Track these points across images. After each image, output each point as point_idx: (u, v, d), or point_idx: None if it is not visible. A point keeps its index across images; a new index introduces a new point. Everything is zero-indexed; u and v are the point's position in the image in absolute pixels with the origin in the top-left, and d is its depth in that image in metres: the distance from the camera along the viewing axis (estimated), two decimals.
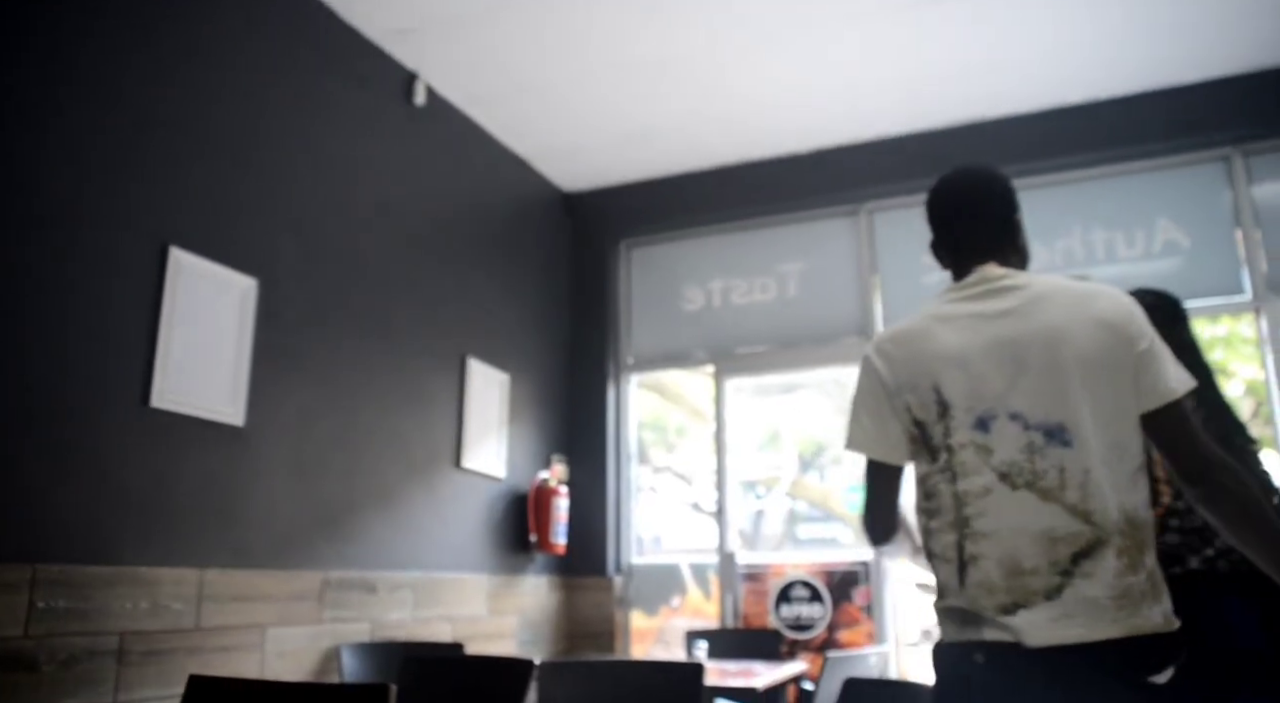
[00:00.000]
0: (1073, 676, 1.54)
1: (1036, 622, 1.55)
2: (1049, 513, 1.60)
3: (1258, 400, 8.33)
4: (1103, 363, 1.67)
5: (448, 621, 4.35)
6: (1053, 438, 1.64)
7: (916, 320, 1.83)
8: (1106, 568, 1.57)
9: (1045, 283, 1.77)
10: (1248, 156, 4.74)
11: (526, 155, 5.46)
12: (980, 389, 1.69)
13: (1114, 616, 1.55)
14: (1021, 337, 1.70)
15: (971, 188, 1.95)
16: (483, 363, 4.85)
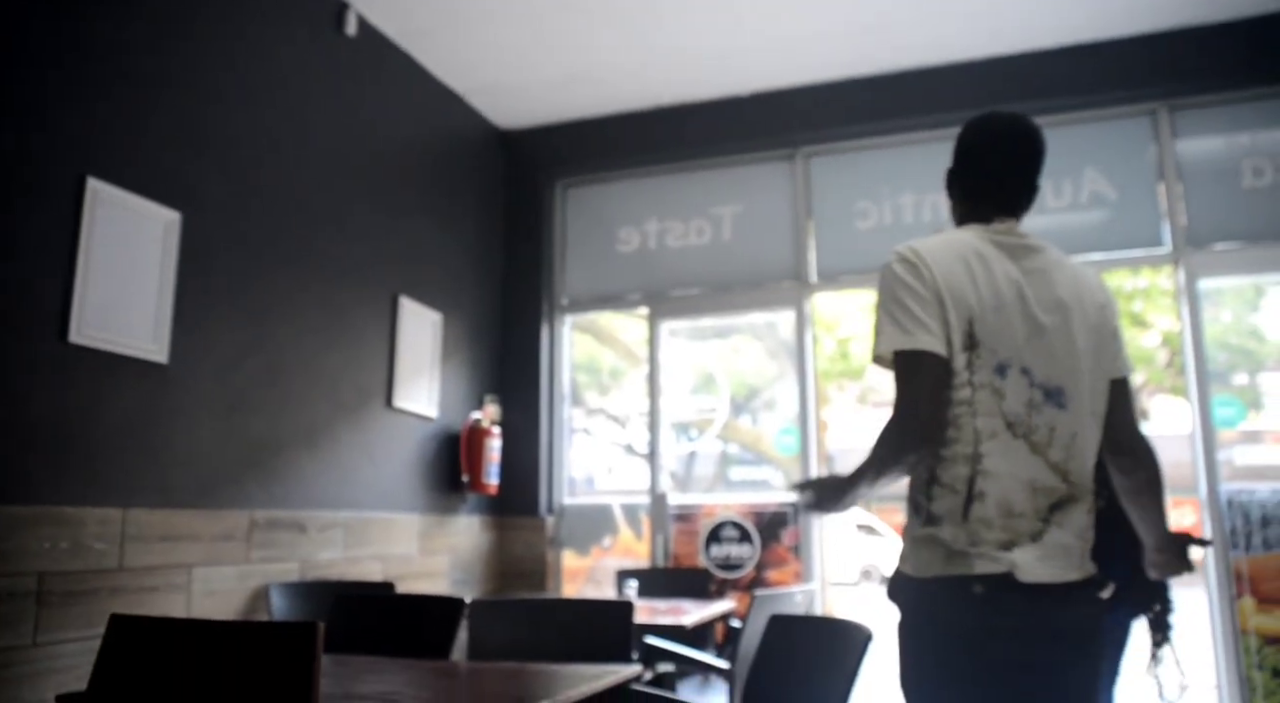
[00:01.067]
0: (1050, 606, 1.70)
1: (1026, 560, 1.69)
2: (1035, 465, 1.73)
3: (1173, 350, 8.61)
4: (1097, 337, 1.83)
5: (379, 560, 4.35)
6: (1050, 398, 1.76)
7: (952, 246, 1.83)
8: (1076, 520, 1.75)
9: (1054, 252, 1.89)
10: (1173, 112, 4.84)
11: (462, 91, 5.34)
12: (1005, 337, 1.76)
13: (1079, 562, 1.76)
14: (1042, 299, 1.80)
15: (1034, 142, 1.94)
16: (415, 302, 4.79)
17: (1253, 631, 4.36)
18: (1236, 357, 5.30)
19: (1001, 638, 1.67)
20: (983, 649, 1.67)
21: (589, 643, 2.61)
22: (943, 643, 1.71)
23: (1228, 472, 4.58)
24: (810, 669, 2.24)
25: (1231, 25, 4.66)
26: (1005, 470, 1.72)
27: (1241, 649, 4.36)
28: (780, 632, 2.41)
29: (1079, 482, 1.76)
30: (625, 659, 2.52)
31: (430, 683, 2.07)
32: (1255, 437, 5.05)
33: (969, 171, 1.96)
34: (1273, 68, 4.65)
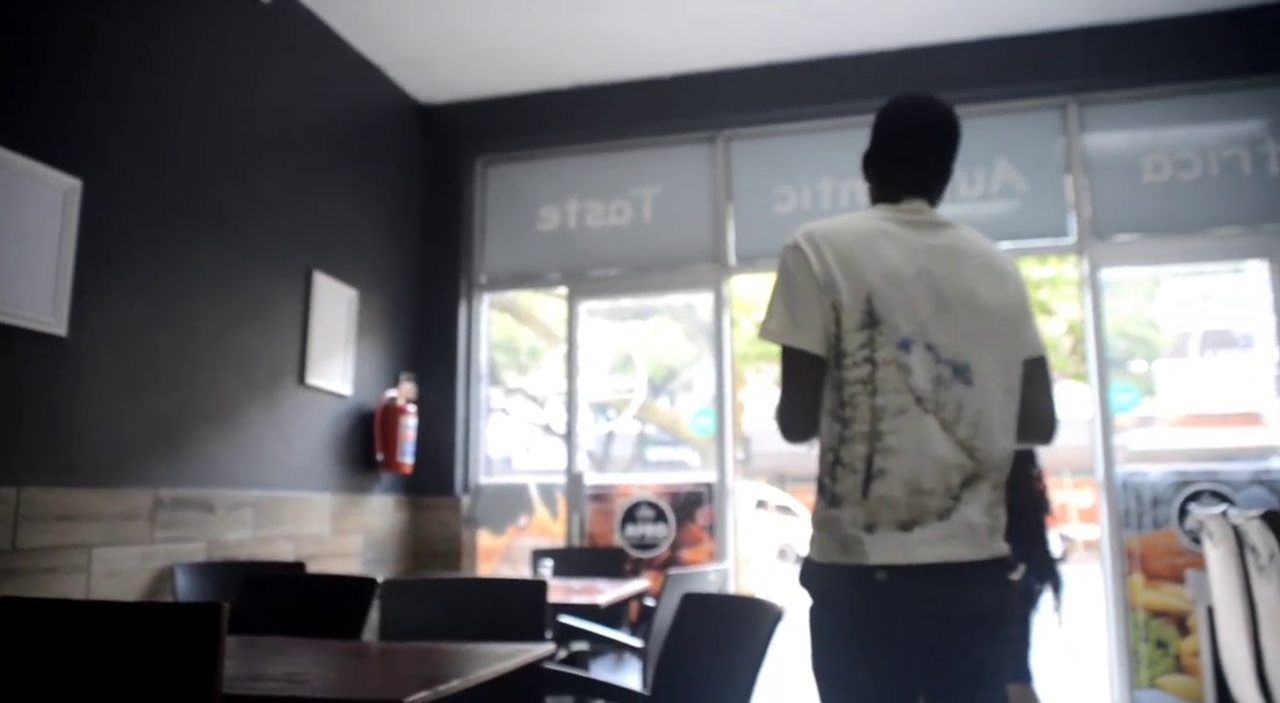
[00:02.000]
0: (954, 586, 1.71)
1: (928, 539, 1.69)
2: (944, 442, 1.73)
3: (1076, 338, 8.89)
4: (1005, 314, 1.83)
5: (290, 540, 4.27)
6: (958, 375, 1.76)
7: (857, 225, 1.85)
8: (983, 498, 1.75)
9: (964, 230, 1.90)
10: (1082, 106, 4.99)
11: (381, 63, 5.23)
12: (908, 313, 1.76)
13: (984, 541, 1.74)
14: (947, 275, 1.80)
15: (946, 125, 1.97)
16: (329, 277, 4.69)
17: (1141, 605, 4.57)
18: (1135, 345, 5.51)
19: (906, 622, 1.70)
20: (888, 634, 1.69)
21: (502, 623, 2.60)
22: (847, 628, 1.73)
23: (1123, 455, 4.77)
24: (721, 647, 2.27)
25: (1138, 26, 4.81)
26: (913, 447, 1.72)
27: (1130, 623, 4.56)
28: (692, 610, 2.44)
29: (986, 459, 1.76)
30: (539, 639, 2.53)
31: (340, 664, 2.05)
32: (1149, 422, 5.27)
33: (882, 154, 1.98)
34: (1175, 68, 4.83)
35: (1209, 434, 5.41)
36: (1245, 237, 4.73)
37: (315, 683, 1.76)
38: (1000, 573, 1.78)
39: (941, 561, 1.69)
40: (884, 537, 1.69)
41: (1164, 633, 4.52)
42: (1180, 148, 4.85)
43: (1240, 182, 4.77)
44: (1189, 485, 4.60)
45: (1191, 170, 4.82)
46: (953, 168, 1.98)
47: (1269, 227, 4.69)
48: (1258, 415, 4.80)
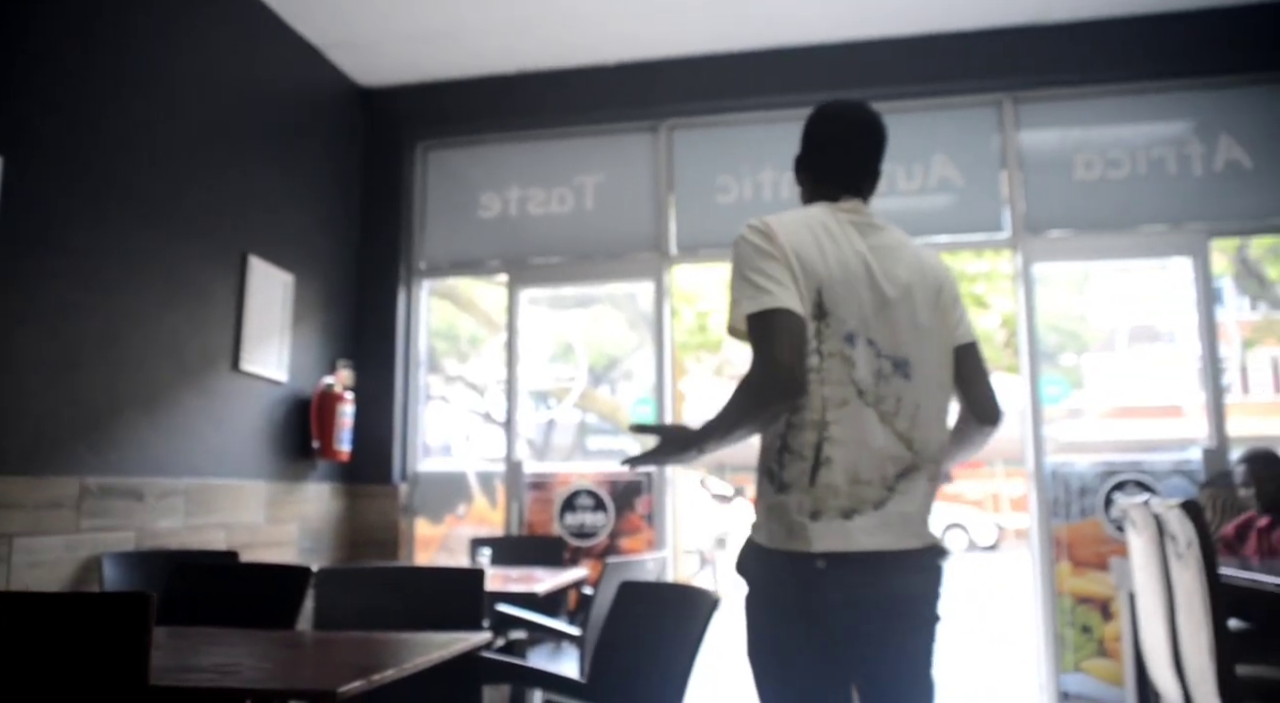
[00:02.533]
0: (889, 573, 1.78)
1: (866, 527, 1.75)
2: (884, 434, 1.80)
3: (1009, 331, 9.09)
4: (937, 312, 1.91)
5: (223, 529, 4.20)
6: (898, 369, 1.83)
7: (804, 219, 1.89)
8: (919, 489, 1.82)
9: (895, 230, 1.97)
10: (1017, 103, 5.08)
11: (321, 45, 5.14)
12: (852, 308, 1.81)
13: (917, 530, 1.82)
14: (888, 274, 1.87)
15: (874, 129, 2.03)
16: (265, 262, 4.61)
17: (1067, 592, 4.69)
18: (1065, 338, 5.64)
19: (842, 609, 1.74)
20: (823, 621, 1.74)
21: (439, 612, 2.59)
22: (785, 615, 1.77)
23: (1052, 446, 4.89)
24: (658, 634, 2.29)
25: (1072, 27, 4.92)
26: (854, 438, 1.77)
27: (1057, 609, 4.68)
28: (629, 598, 2.46)
29: (922, 451, 1.83)
30: (476, 627, 2.52)
31: (272, 654, 2.02)
32: (1078, 413, 5.40)
33: (814, 158, 2.04)
34: (1106, 69, 4.95)
35: (1134, 426, 5.58)
36: (1170, 234, 4.87)
37: (247, 674, 1.74)
38: (932, 561, 1.85)
39: (877, 549, 1.75)
40: (827, 524, 1.74)
41: (1089, 618, 4.66)
42: (1110, 147, 4.97)
43: (1166, 181, 4.91)
44: (1114, 476, 4.73)
45: (1120, 169, 4.95)
46: (881, 169, 2.05)
47: (1192, 225, 4.83)
48: (1179, 408, 4.95)
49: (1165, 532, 2.85)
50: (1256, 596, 2.69)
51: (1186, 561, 2.69)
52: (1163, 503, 2.87)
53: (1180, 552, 2.73)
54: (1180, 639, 2.84)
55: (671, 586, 3.40)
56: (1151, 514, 2.96)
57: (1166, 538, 2.85)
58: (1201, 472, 4.62)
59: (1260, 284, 6.03)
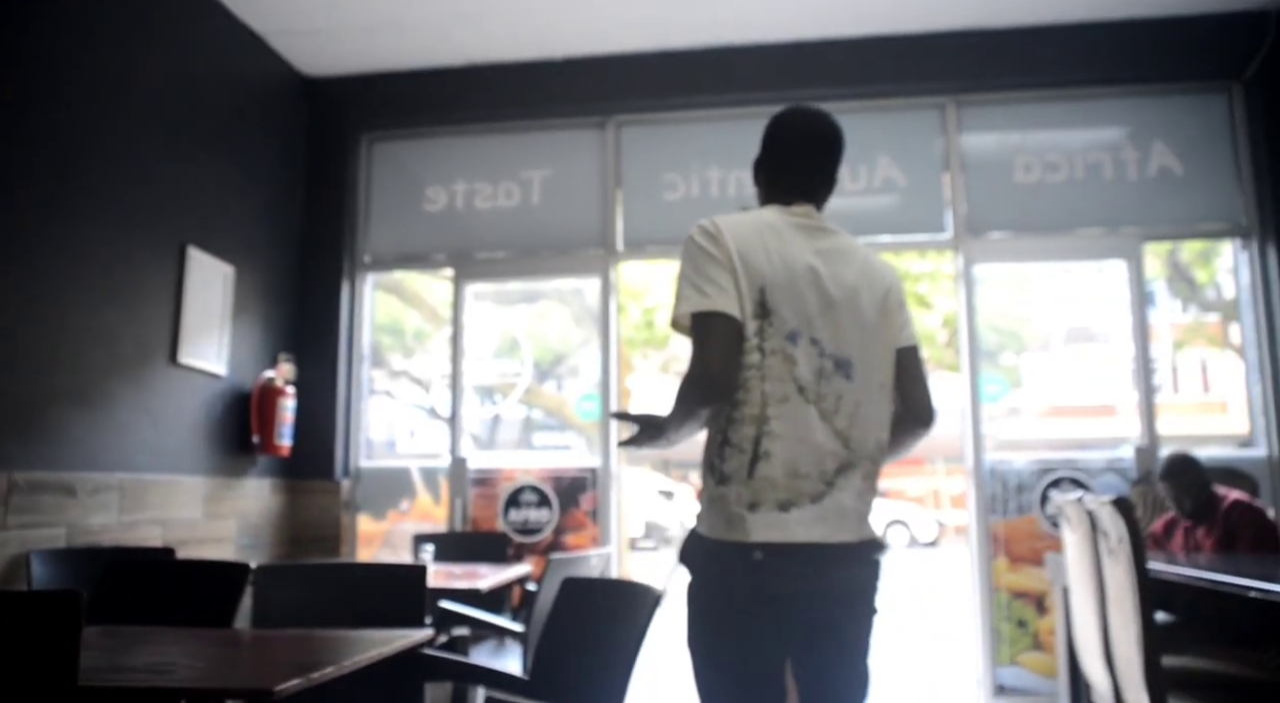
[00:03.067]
0: (824, 566, 1.83)
1: (803, 520, 1.81)
2: (823, 431, 1.86)
3: (951, 330, 9.21)
4: (882, 316, 1.96)
5: (159, 525, 4.12)
6: (839, 369, 1.89)
7: (752, 222, 1.94)
8: (855, 485, 1.88)
9: (845, 236, 2.03)
10: (960, 107, 5.17)
11: (263, 32, 5.05)
12: (796, 308, 1.87)
13: (855, 525, 1.88)
14: (834, 277, 1.92)
15: (831, 139, 2.08)
16: (205, 253, 4.52)
17: (1004, 587, 4.79)
18: (1005, 338, 5.73)
19: (778, 599, 1.79)
20: (760, 609, 1.79)
21: (381, 608, 2.57)
22: (723, 603, 1.82)
23: (991, 444, 4.98)
24: (600, 630, 2.29)
25: (1014, 32, 5.01)
26: (793, 433, 1.83)
27: (994, 604, 4.77)
28: (572, 595, 2.45)
29: (859, 449, 1.89)
30: (418, 624, 2.50)
31: (208, 652, 1.99)
32: (1016, 412, 5.50)
33: (772, 163, 2.09)
34: (1045, 74, 5.05)
35: (1070, 425, 5.70)
36: (1106, 237, 4.99)
37: (181, 673, 1.71)
38: (868, 555, 1.90)
39: (813, 541, 1.81)
40: (764, 516, 1.80)
41: (1024, 613, 4.75)
42: (1049, 151, 5.08)
43: (1102, 185, 5.02)
44: (1050, 473, 4.84)
45: (1059, 173, 5.06)
46: (837, 177, 2.09)
47: (1127, 229, 4.96)
48: (1113, 407, 5.07)
49: (1098, 528, 2.92)
50: (1182, 589, 2.77)
51: (1117, 556, 2.75)
52: (1095, 500, 2.94)
53: (1112, 547, 2.80)
54: (1110, 632, 2.91)
55: (614, 581, 3.40)
56: (1085, 511, 3.03)
57: (1099, 534, 2.92)
58: (1133, 469, 4.74)
59: (1191, 288, 6.19)
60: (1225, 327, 5.87)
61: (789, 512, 1.81)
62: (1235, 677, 3.09)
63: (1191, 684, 2.92)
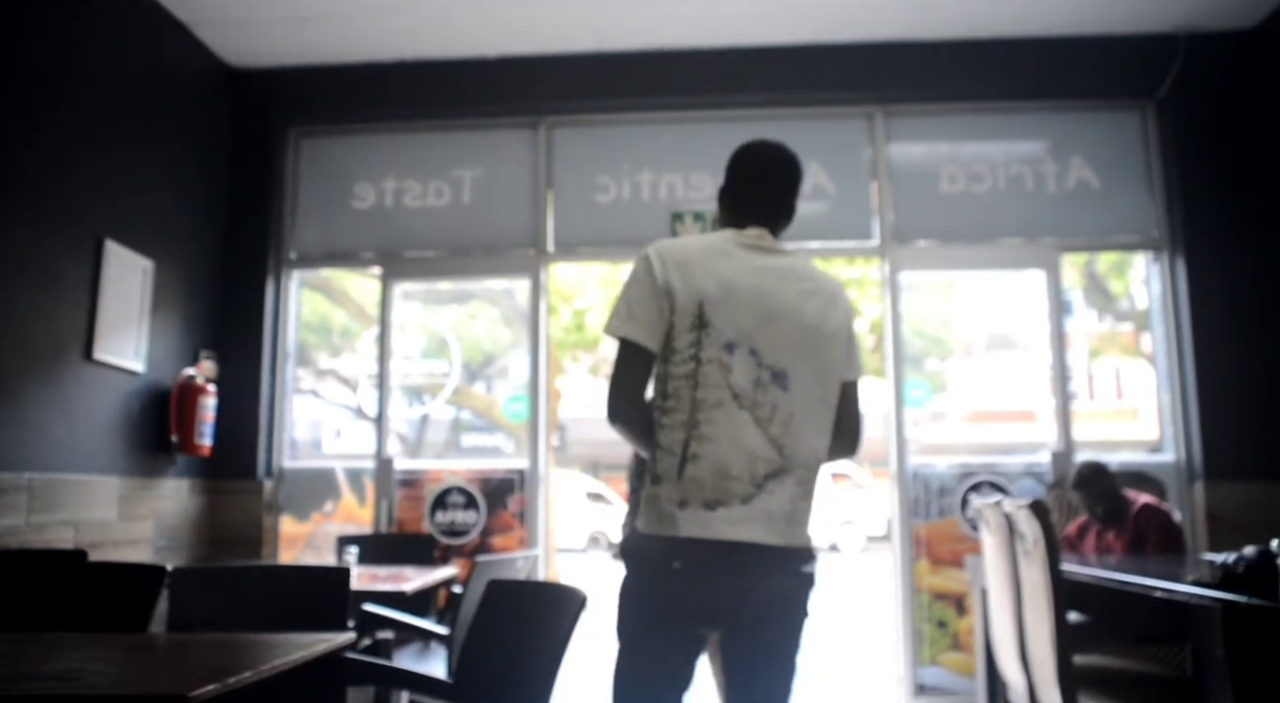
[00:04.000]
0: (748, 565, 1.94)
1: (729, 519, 1.93)
2: (757, 437, 1.97)
3: (877, 336, 9.39)
4: (826, 334, 2.06)
5: (70, 526, 3.99)
6: (776, 379, 2.00)
7: (699, 243, 2.11)
8: (786, 491, 1.98)
9: (799, 257, 2.16)
10: (888, 117, 5.27)
11: (188, 21, 4.93)
12: (735, 320, 2.00)
13: (783, 528, 1.96)
14: (775, 292, 2.04)
15: (782, 169, 2.22)
16: (122, 246, 4.40)
17: (926, 588, 4.89)
18: (929, 344, 5.85)
19: (701, 593, 1.93)
20: (683, 602, 1.93)
21: (302, 612, 2.52)
22: (649, 593, 1.97)
23: (915, 448, 5.08)
24: (525, 633, 2.28)
25: (941, 45, 5.13)
26: (726, 437, 1.95)
27: (915, 605, 4.87)
28: (497, 597, 2.44)
29: (792, 456, 1.99)
30: (340, 628, 2.47)
31: (120, 658, 1.93)
32: (939, 417, 5.62)
33: (732, 191, 2.23)
34: (970, 87, 5.18)
35: (990, 429, 5.84)
36: (1026, 247, 5.13)
37: (90, 680, 1.66)
38: (794, 560, 1.98)
39: (738, 540, 1.92)
40: (692, 513, 1.93)
41: (945, 614, 4.86)
42: (973, 162, 5.21)
43: (1023, 197, 5.17)
44: (971, 477, 4.95)
45: (982, 183, 5.18)
46: (795, 205, 2.22)
47: (1046, 240, 5.10)
48: (1032, 413, 5.20)
49: (1015, 531, 3.00)
50: (1093, 590, 2.86)
51: (1033, 558, 2.83)
52: (1013, 503, 3.02)
53: (1028, 549, 2.87)
54: (1026, 631, 2.99)
55: (539, 584, 3.39)
56: (1003, 514, 3.10)
57: (1016, 537, 2.99)
58: (1050, 474, 4.87)
59: (1106, 298, 6.39)
60: (1138, 336, 6.07)
61: (715, 511, 1.92)
62: (1142, 673, 3.20)
63: (1101, 681, 3.01)
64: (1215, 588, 2.34)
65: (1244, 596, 2.22)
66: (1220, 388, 4.80)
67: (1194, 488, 4.78)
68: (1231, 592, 2.27)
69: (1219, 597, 2.21)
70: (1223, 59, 5.01)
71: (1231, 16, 4.91)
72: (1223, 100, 5.01)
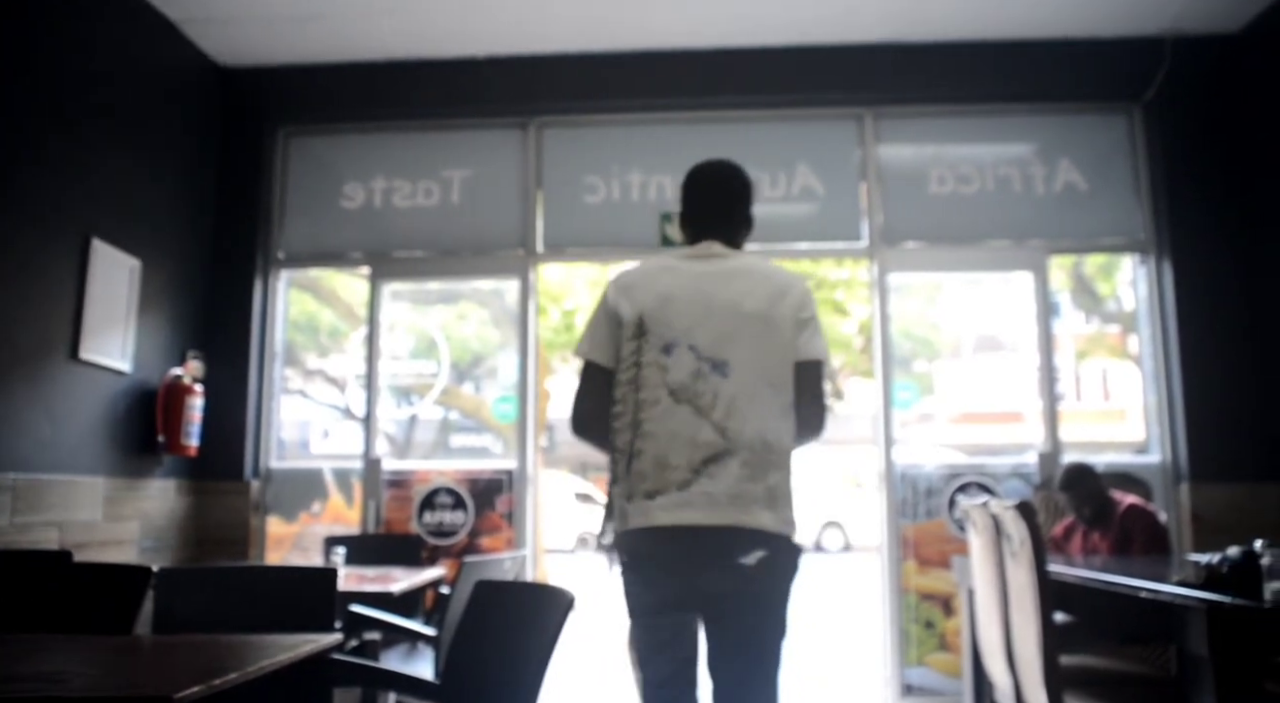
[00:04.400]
0: (689, 550, 2.11)
1: (666, 506, 2.11)
2: (698, 425, 2.14)
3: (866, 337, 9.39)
4: (771, 320, 2.20)
5: (55, 527, 3.97)
6: (716, 369, 2.17)
7: (649, 265, 2.34)
8: (729, 473, 2.11)
9: (746, 258, 2.34)
10: (878, 119, 5.28)
11: (177, 19, 4.91)
12: (672, 322, 2.20)
13: (725, 511, 2.09)
14: (714, 291, 2.23)
15: (719, 185, 2.44)
16: (110, 245, 4.37)
17: (913, 589, 4.90)
18: (918, 345, 5.87)
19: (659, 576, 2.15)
20: (652, 585, 2.16)
21: (289, 613, 2.51)
22: (629, 581, 2.21)
23: (903, 449, 5.09)
24: (512, 634, 2.28)
25: (931, 47, 5.14)
26: (664, 431, 2.15)
27: (903, 605, 4.88)
28: (484, 598, 2.44)
29: (735, 439, 2.13)
30: (327, 629, 2.46)
31: (105, 660, 1.92)
32: (927, 418, 5.63)
33: (686, 212, 2.46)
34: (960, 89, 5.20)
35: (978, 431, 5.86)
36: (1013, 250, 5.15)
37: (75, 682, 1.65)
38: (747, 540, 2.10)
39: (677, 523, 2.10)
40: (637, 505, 2.14)
41: (932, 614, 4.87)
42: (962, 164, 5.22)
43: (1011, 199, 5.18)
44: (958, 478, 4.97)
45: (971, 185, 5.20)
46: (748, 214, 2.44)
47: (1033, 242, 5.12)
48: (1020, 414, 5.22)
49: (1002, 532, 3.01)
50: (1079, 590, 2.87)
51: (1020, 559, 2.84)
52: (1000, 504, 3.03)
53: (1014, 551, 2.88)
54: (1012, 632, 3.00)
55: (526, 585, 3.39)
56: (990, 515, 3.11)
57: (1003, 538, 3.01)
58: (1037, 475, 4.89)
59: (1093, 300, 6.42)
60: (1125, 338, 6.10)
61: (654, 499, 2.12)
62: (1128, 673, 3.22)
63: (1087, 681, 3.02)
64: (1200, 588, 2.36)
65: (1228, 596, 2.23)
66: (1205, 390, 4.83)
67: (1179, 489, 4.81)
68: (1215, 592, 2.28)
69: (1203, 597, 2.23)
70: (1209, 63, 5.04)
71: (1217, 20, 4.94)
72: (1209, 104, 5.04)
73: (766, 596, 2.13)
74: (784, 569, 2.14)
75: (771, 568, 2.10)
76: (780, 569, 2.13)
